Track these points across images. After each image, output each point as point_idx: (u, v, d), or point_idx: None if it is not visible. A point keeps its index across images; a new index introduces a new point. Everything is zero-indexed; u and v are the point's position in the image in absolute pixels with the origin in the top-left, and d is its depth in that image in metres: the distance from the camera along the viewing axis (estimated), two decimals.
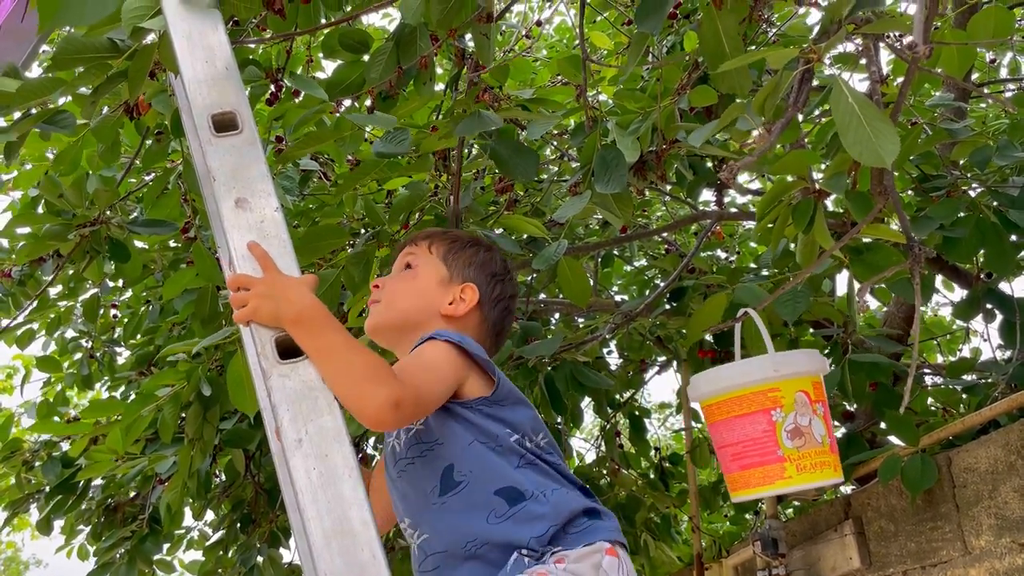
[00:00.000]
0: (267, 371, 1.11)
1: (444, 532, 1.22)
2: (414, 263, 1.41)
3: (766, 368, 1.23)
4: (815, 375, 1.25)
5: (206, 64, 1.32)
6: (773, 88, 0.94)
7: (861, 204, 1.26)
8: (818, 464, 1.20)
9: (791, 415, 1.21)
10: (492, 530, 1.18)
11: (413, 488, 1.25)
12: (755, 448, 1.22)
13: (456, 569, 1.20)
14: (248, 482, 3.12)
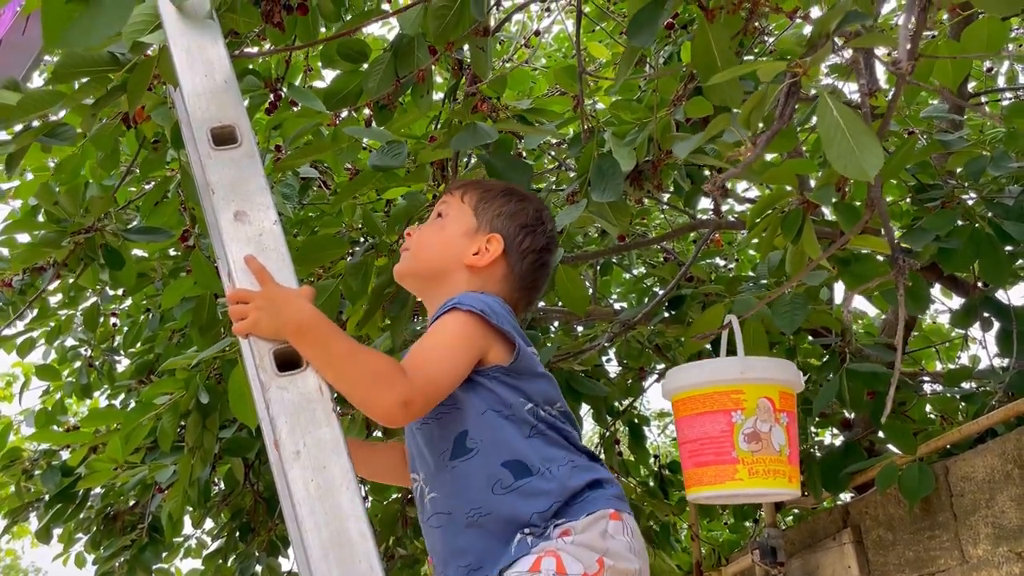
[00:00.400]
0: (265, 383, 1.12)
1: (451, 495, 1.24)
2: (445, 212, 1.41)
3: (733, 369, 1.24)
4: (784, 385, 1.25)
5: (205, 78, 1.33)
6: (759, 101, 0.95)
7: (849, 215, 1.28)
8: (771, 471, 1.21)
9: (751, 419, 1.21)
10: (496, 501, 1.20)
11: (428, 446, 1.27)
12: (711, 446, 1.23)
13: (458, 534, 1.23)
14: (247, 491, 3.12)
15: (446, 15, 1.60)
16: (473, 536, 1.21)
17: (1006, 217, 1.88)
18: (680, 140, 1.72)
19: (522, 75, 2.93)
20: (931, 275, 2.64)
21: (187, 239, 2.49)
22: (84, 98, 1.52)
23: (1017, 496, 2.01)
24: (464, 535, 1.22)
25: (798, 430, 1.29)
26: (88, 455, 2.62)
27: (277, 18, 1.89)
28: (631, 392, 3.82)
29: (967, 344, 3.97)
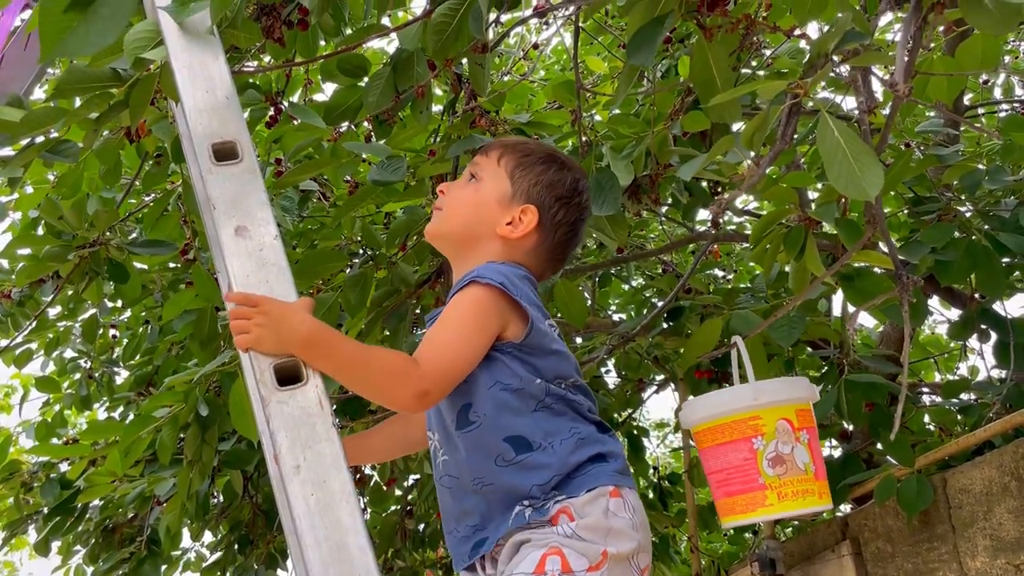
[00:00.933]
0: (266, 397, 1.12)
1: (458, 463, 1.26)
2: (479, 175, 1.38)
3: (746, 397, 1.24)
4: (799, 403, 1.25)
5: (207, 93, 1.34)
6: (762, 122, 0.96)
7: (851, 231, 1.28)
8: (800, 492, 1.21)
9: (772, 443, 1.21)
10: (498, 473, 1.22)
11: (442, 411, 1.29)
12: (738, 475, 1.23)
13: (463, 499, 1.26)
14: (246, 503, 3.12)
15: (445, 31, 1.61)
16: (477, 501, 1.24)
17: (1002, 229, 1.89)
18: (677, 154, 1.73)
19: (521, 89, 2.94)
20: (929, 287, 2.65)
21: (188, 252, 2.50)
22: (87, 114, 1.53)
23: (1015, 508, 2.01)
24: (470, 499, 1.25)
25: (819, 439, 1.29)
26: (87, 468, 2.62)
27: (278, 33, 1.90)
28: (630, 403, 3.82)
29: (966, 355, 3.98)
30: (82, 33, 0.96)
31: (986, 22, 0.93)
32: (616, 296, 4.02)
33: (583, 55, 3.31)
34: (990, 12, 0.91)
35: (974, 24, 0.95)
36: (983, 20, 0.93)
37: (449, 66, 1.64)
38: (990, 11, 0.91)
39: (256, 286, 1.19)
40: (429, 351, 1.19)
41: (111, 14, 0.96)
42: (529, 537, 1.20)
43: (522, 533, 1.20)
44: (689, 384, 3.10)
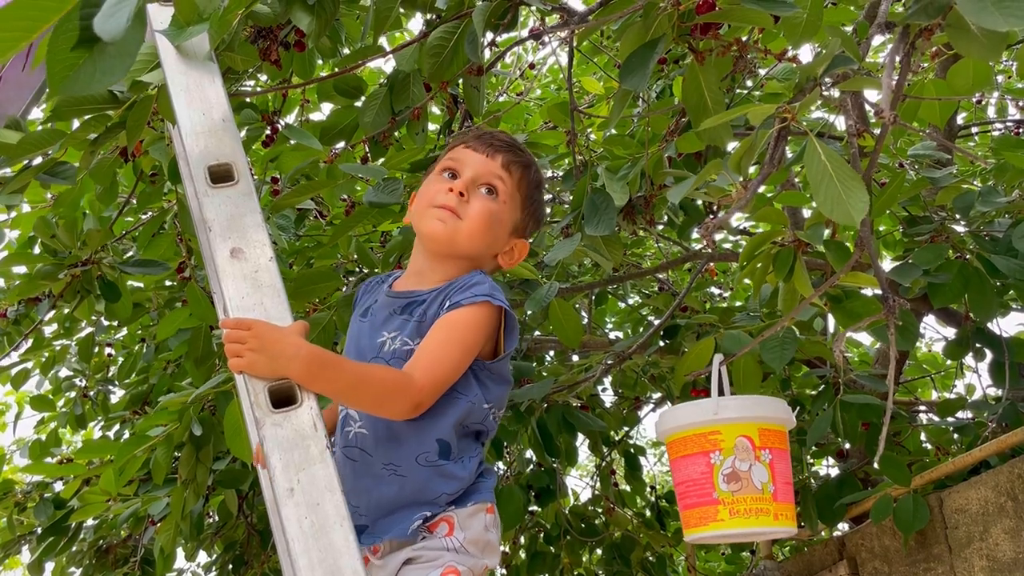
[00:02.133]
0: (260, 420, 1.12)
1: (377, 441, 1.27)
2: (500, 193, 1.37)
3: (708, 411, 1.24)
4: (764, 422, 1.24)
5: (203, 116, 1.35)
6: (750, 146, 0.97)
7: (839, 253, 1.29)
8: (754, 510, 1.20)
9: (730, 459, 1.21)
10: (416, 469, 1.25)
11: None
12: (694, 489, 1.23)
13: (363, 477, 1.27)
14: (241, 523, 3.10)
15: (441, 53, 1.62)
16: (377, 485, 1.26)
17: (995, 251, 1.90)
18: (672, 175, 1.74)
19: (516, 109, 2.96)
20: (923, 306, 2.65)
21: (183, 271, 2.50)
22: (85, 136, 1.54)
23: (1011, 529, 2.01)
24: (368, 481, 1.27)
25: (790, 463, 1.27)
26: (81, 487, 2.61)
27: (274, 55, 1.91)
28: (627, 422, 3.82)
29: (962, 372, 3.98)
30: (89, 70, 0.96)
31: (973, 49, 0.94)
32: (612, 314, 4.02)
33: (579, 75, 3.33)
34: (977, 39, 0.92)
35: (961, 51, 0.96)
36: (971, 47, 0.94)
37: (445, 88, 1.65)
38: (977, 38, 0.92)
39: (251, 308, 1.19)
40: (427, 366, 1.22)
41: (118, 52, 0.96)
42: (419, 554, 1.23)
43: (409, 549, 1.23)
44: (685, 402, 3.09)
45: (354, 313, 1.46)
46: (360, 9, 2.13)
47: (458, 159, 1.39)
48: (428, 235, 1.36)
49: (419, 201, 1.40)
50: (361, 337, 1.37)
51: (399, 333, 1.32)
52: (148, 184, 2.30)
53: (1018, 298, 2.45)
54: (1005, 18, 0.81)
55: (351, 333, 1.41)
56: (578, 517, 3.63)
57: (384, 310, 1.37)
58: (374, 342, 1.33)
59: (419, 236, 1.40)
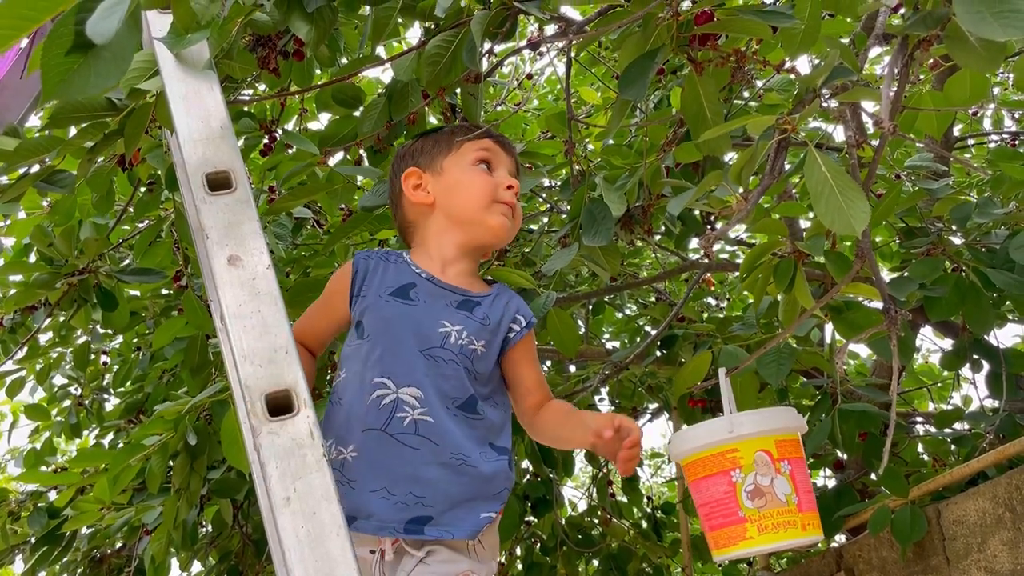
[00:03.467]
0: (256, 428, 1.12)
1: (445, 432, 1.28)
2: (516, 189, 1.46)
3: (722, 430, 1.23)
4: (778, 433, 1.23)
5: (201, 124, 1.35)
6: (750, 157, 0.97)
7: (839, 264, 1.29)
8: (782, 524, 1.18)
9: (751, 475, 1.20)
10: (482, 460, 1.28)
11: (447, 380, 1.32)
12: (719, 509, 1.21)
13: (427, 467, 1.26)
14: (236, 533, 3.09)
15: (439, 62, 1.62)
16: (444, 475, 1.26)
17: (991, 264, 1.90)
18: (670, 185, 1.74)
19: (514, 119, 2.97)
20: (920, 317, 2.65)
21: (180, 279, 2.50)
22: (83, 143, 1.53)
23: (1008, 540, 2.01)
24: (435, 470, 1.26)
25: (807, 469, 1.26)
26: (75, 496, 2.60)
27: (273, 64, 1.92)
28: None
29: (959, 384, 3.98)
30: (84, 75, 0.96)
31: (972, 60, 0.94)
32: (610, 324, 4.02)
33: (577, 85, 3.34)
34: (976, 50, 0.93)
35: (960, 62, 0.96)
36: (969, 58, 0.94)
37: (442, 95, 1.65)
38: (976, 49, 0.92)
39: (248, 315, 1.19)
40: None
41: (113, 56, 0.96)
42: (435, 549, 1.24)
43: (463, 562, 1.24)
44: (682, 413, 3.09)
45: (371, 286, 1.40)
46: (359, 18, 2.13)
47: (491, 151, 1.44)
48: (495, 229, 1.40)
49: (469, 196, 1.41)
50: (406, 320, 1.34)
51: (464, 329, 1.34)
52: (146, 192, 2.30)
53: (1015, 309, 2.45)
54: (1003, 28, 0.81)
55: (383, 313, 1.36)
56: (575, 528, 3.62)
57: (436, 300, 1.37)
58: (433, 331, 1.33)
59: (475, 226, 1.40)
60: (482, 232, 1.40)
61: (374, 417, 1.29)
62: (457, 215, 1.41)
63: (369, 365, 1.32)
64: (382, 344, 1.33)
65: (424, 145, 1.49)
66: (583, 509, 3.94)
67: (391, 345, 1.32)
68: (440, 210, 1.43)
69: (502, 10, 1.58)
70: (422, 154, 1.48)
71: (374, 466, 1.27)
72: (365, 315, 1.37)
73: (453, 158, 1.44)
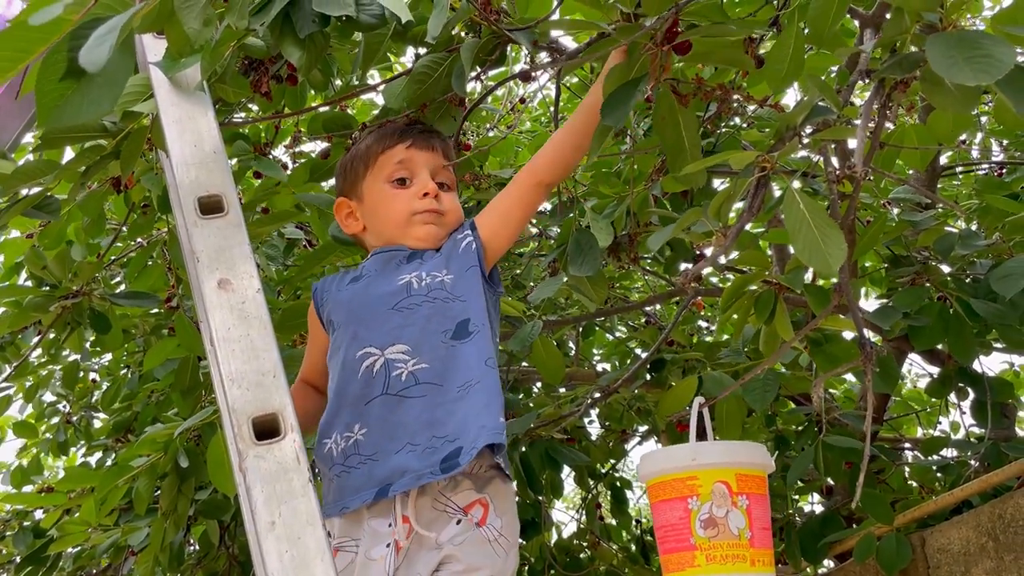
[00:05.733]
0: (243, 451, 1.13)
1: (446, 370, 1.30)
2: (450, 184, 1.51)
3: (685, 457, 1.24)
4: (741, 467, 1.23)
5: (194, 148, 1.36)
6: (729, 194, 0.99)
7: (819, 297, 1.31)
8: (730, 556, 1.19)
9: (707, 504, 1.21)
10: (487, 373, 1.29)
11: (425, 323, 1.34)
12: (673, 534, 1.22)
13: (437, 408, 1.28)
14: (223, 553, 3.07)
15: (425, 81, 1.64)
16: (455, 407, 1.27)
17: (975, 294, 1.92)
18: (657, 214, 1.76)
19: (506, 143, 2.99)
20: (907, 344, 2.67)
21: (171, 300, 2.51)
22: (79, 167, 1.55)
23: (991, 569, 2.02)
24: (445, 408, 1.28)
25: (769, 508, 1.27)
26: (62, 516, 2.59)
27: (265, 88, 1.93)
28: (613, 454, 3.81)
29: (947, 409, 4.00)
30: (77, 102, 0.98)
31: (948, 102, 0.96)
32: (600, 346, 4.03)
33: (567, 111, 3.37)
34: (951, 92, 0.95)
35: (936, 104, 0.99)
36: (945, 100, 0.97)
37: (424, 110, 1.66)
38: (951, 91, 0.95)
39: (237, 339, 1.20)
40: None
41: (106, 82, 0.98)
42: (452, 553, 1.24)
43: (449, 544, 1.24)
44: (671, 436, 3.09)
45: (329, 293, 1.48)
46: (352, 44, 2.15)
47: (406, 160, 1.48)
48: (422, 239, 1.44)
49: (388, 219, 1.46)
50: (363, 294, 1.41)
51: (420, 271, 1.38)
52: (140, 215, 2.31)
53: (1001, 338, 2.48)
54: (975, 73, 0.83)
55: (342, 300, 1.43)
56: (563, 551, 3.61)
57: (385, 265, 1.43)
58: (392, 287, 1.38)
59: (402, 240, 1.46)
60: (411, 243, 1.46)
61: (373, 386, 1.32)
62: (386, 237, 1.48)
63: (349, 346, 1.37)
64: (353, 323, 1.38)
65: (346, 168, 1.54)
66: (571, 532, 3.93)
67: (360, 319, 1.38)
68: (371, 232, 1.51)
69: (492, 38, 1.60)
70: (345, 180, 1.54)
71: (388, 429, 1.30)
72: (332, 314, 1.44)
73: (370, 179, 1.49)
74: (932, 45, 0.88)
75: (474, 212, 1.95)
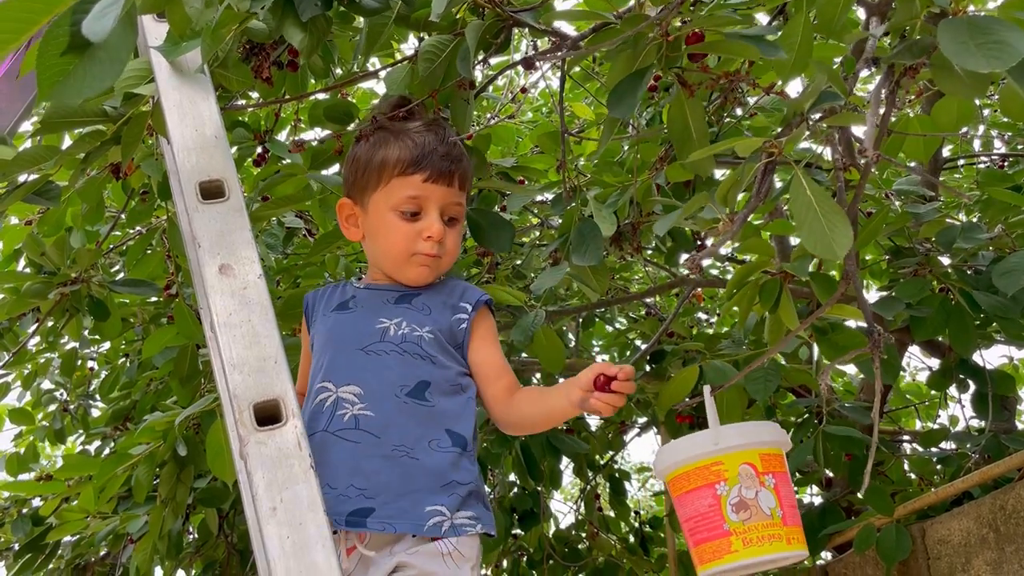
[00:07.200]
0: (244, 437, 1.12)
1: (387, 424, 1.28)
2: (460, 218, 1.46)
3: (707, 443, 1.21)
4: (763, 447, 1.21)
5: (195, 132, 1.35)
6: (736, 180, 0.98)
7: (825, 285, 1.30)
8: (766, 537, 1.16)
9: (736, 488, 1.18)
10: (426, 453, 1.27)
11: (392, 371, 1.32)
12: (704, 523, 1.20)
13: (369, 460, 1.26)
14: (221, 542, 3.07)
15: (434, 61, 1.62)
16: (385, 466, 1.26)
17: (976, 286, 1.91)
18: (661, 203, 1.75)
19: (507, 131, 2.98)
20: (907, 336, 2.67)
21: (170, 288, 2.50)
22: (79, 153, 1.53)
23: (992, 560, 2.02)
24: (376, 462, 1.26)
25: (792, 485, 1.24)
26: (60, 504, 2.58)
27: (266, 73, 1.92)
28: (612, 446, 3.81)
29: (946, 403, 4.00)
30: (79, 76, 0.96)
31: (957, 88, 0.96)
32: (599, 338, 4.02)
33: (570, 100, 3.36)
34: (960, 79, 0.94)
35: (945, 90, 0.98)
36: (954, 86, 0.96)
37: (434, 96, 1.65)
38: (960, 78, 0.94)
39: (238, 324, 1.19)
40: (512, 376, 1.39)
41: (108, 58, 0.97)
42: (410, 561, 1.22)
43: (403, 552, 1.23)
44: (670, 428, 3.09)
45: (318, 311, 1.47)
46: (353, 30, 2.14)
47: (420, 196, 1.39)
48: (415, 280, 1.41)
49: (387, 249, 1.42)
50: (344, 326, 1.39)
51: (403, 320, 1.35)
52: (139, 202, 2.30)
53: (1002, 330, 2.47)
54: (988, 60, 0.82)
55: (325, 327, 1.42)
56: (561, 542, 3.61)
57: (373, 301, 1.41)
58: (370, 328, 1.36)
59: (393, 272, 1.43)
60: (401, 278, 1.43)
61: (318, 420, 1.32)
62: (378, 261, 1.45)
63: (315, 375, 1.37)
64: (327, 354, 1.38)
65: (357, 170, 1.47)
66: (570, 523, 3.93)
67: (333, 352, 1.37)
68: (367, 248, 1.48)
69: (496, 21, 1.59)
70: (355, 183, 1.48)
71: (319, 466, 1.29)
72: (315, 337, 1.44)
73: (380, 196, 1.42)
74: (943, 31, 0.87)
75: (475, 200, 1.95)
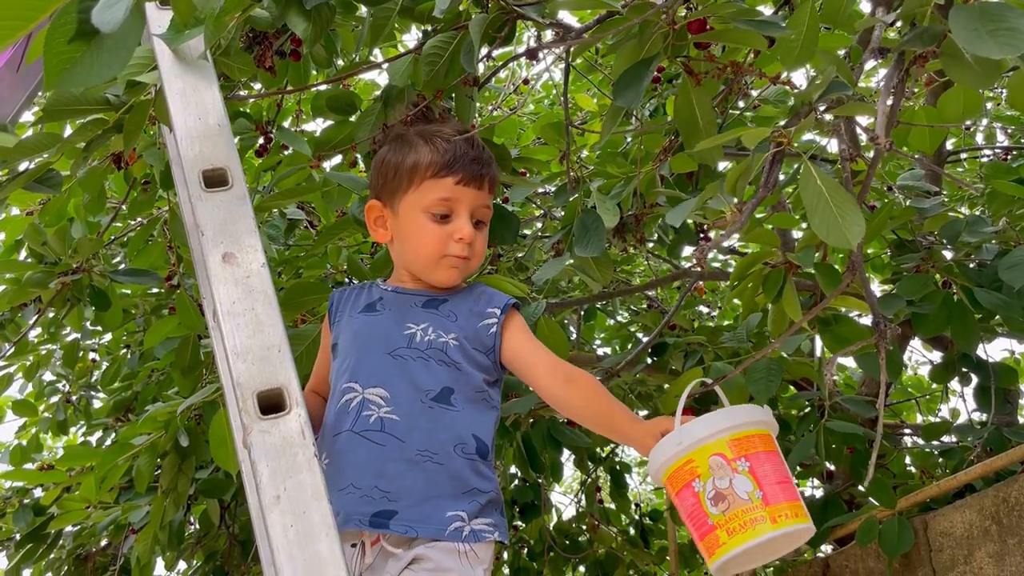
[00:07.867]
0: (248, 426, 1.11)
1: (412, 428, 1.29)
2: (487, 222, 1.45)
3: (672, 445, 1.20)
4: (733, 431, 1.18)
5: (199, 120, 1.34)
6: (745, 169, 0.97)
7: (830, 277, 1.29)
8: (748, 522, 1.14)
9: (709, 481, 1.16)
10: (452, 458, 1.28)
11: (417, 376, 1.32)
12: (695, 521, 1.19)
13: (391, 463, 1.27)
14: (222, 533, 3.07)
15: (437, 62, 1.62)
16: (409, 470, 1.26)
17: (979, 282, 1.91)
18: (664, 194, 1.75)
19: (510, 123, 2.97)
20: (909, 330, 2.67)
21: (172, 278, 2.49)
22: (81, 141, 1.53)
23: (995, 552, 2.02)
24: (400, 465, 1.27)
25: (781, 461, 1.22)
26: (61, 494, 2.58)
27: (269, 63, 1.92)
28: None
29: (947, 396, 3.99)
30: (87, 64, 0.96)
31: (967, 77, 0.95)
32: (601, 330, 4.02)
33: (573, 92, 3.35)
34: (971, 67, 0.93)
35: (955, 79, 0.97)
36: (964, 75, 0.95)
37: (439, 97, 1.65)
38: (971, 66, 0.93)
39: (242, 313, 1.19)
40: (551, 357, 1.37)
41: (116, 46, 0.96)
42: (426, 554, 1.23)
43: (423, 547, 1.23)
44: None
45: (344, 312, 1.47)
46: (356, 20, 2.13)
47: (452, 199, 1.39)
48: (443, 281, 1.41)
49: (417, 251, 1.41)
50: (371, 328, 1.39)
51: (430, 326, 1.36)
52: (140, 192, 2.30)
53: (1004, 324, 2.47)
54: (1000, 47, 0.81)
55: (352, 328, 1.42)
56: (562, 534, 3.62)
57: (401, 305, 1.41)
58: (398, 333, 1.36)
59: (423, 274, 1.43)
60: (431, 280, 1.43)
61: (344, 420, 1.33)
62: (407, 263, 1.45)
63: (340, 376, 1.37)
64: (353, 355, 1.38)
65: (388, 173, 1.46)
66: (571, 515, 3.94)
67: (359, 354, 1.37)
68: (396, 250, 1.47)
69: (500, 14, 1.58)
70: (384, 185, 1.46)
71: (343, 465, 1.30)
72: (340, 337, 1.43)
73: (411, 198, 1.42)
74: (955, 18, 0.86)
75: None
